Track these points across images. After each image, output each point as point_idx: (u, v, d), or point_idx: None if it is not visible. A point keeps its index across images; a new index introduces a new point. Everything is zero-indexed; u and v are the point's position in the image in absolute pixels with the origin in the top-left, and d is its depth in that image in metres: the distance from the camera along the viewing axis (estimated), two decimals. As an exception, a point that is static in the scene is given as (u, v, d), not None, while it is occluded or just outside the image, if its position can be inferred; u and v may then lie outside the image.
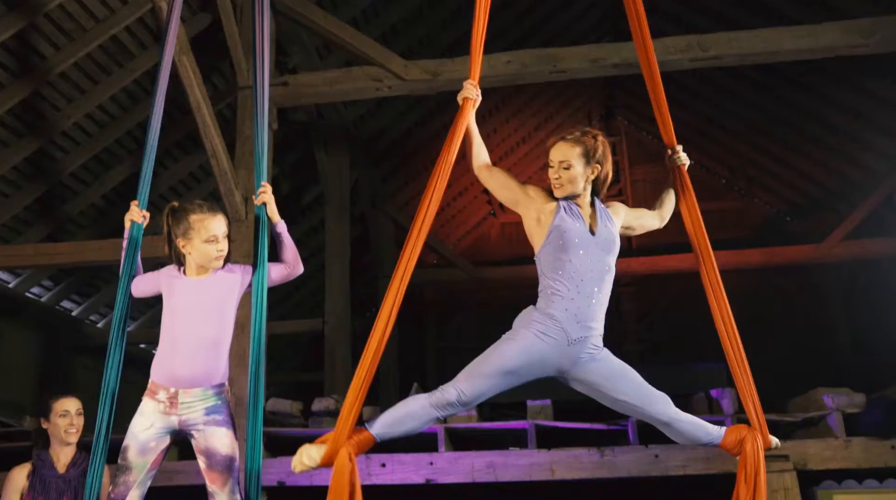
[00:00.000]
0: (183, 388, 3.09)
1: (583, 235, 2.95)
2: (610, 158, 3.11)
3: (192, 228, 3.20)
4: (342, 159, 9.77)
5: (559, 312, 2.88)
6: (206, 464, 3.09)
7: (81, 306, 9.85)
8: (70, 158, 7.90)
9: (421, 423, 2.87)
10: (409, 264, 3.05)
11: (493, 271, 12.10)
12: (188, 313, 3.16)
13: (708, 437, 3.05)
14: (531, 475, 5.82)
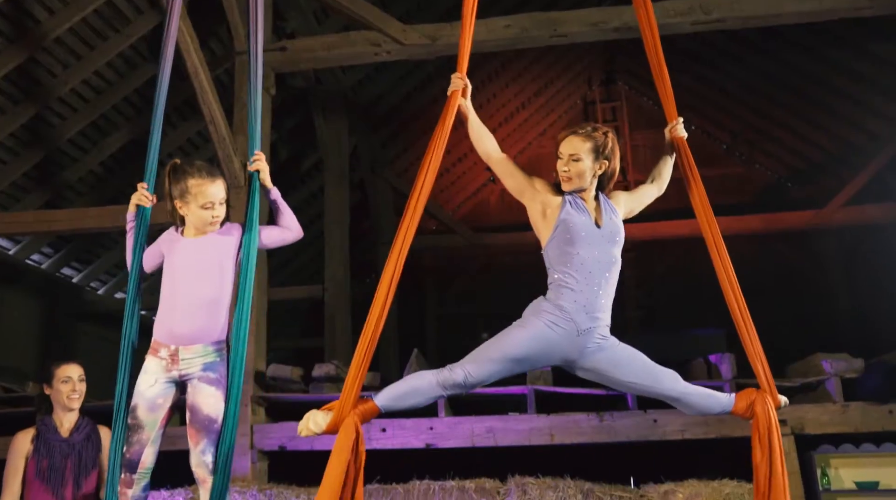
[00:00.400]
0: (183, 345, 3.14)
1: (589, 228, 3.01)
2: (618, 154, 3.15)
3: (189, 193, 3.22)
4: (341, 125, 9.72)
5: (568, 303, 2.93)
6: (189, 419, 3.14)
7: (82, 273, 9.86)
8: (67, 124, 7.86)
9: (425, 399, 2.95)
10: (407, 235, 3.09)
11: (492, 236, 12.09)
12: (187, 272, 3.20)
13: (720, 406, 3.10)
14: (530, 440, 5.87)
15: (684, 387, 3.06)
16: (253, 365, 6.19)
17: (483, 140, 3.25)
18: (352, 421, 2.86)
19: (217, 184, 3.24)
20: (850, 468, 5.96)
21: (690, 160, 3.34)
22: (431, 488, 5.34)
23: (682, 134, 3.40)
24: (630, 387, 3.07)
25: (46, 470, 3.74)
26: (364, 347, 2.92)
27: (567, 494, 5.20)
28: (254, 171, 3.38)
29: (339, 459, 2.81)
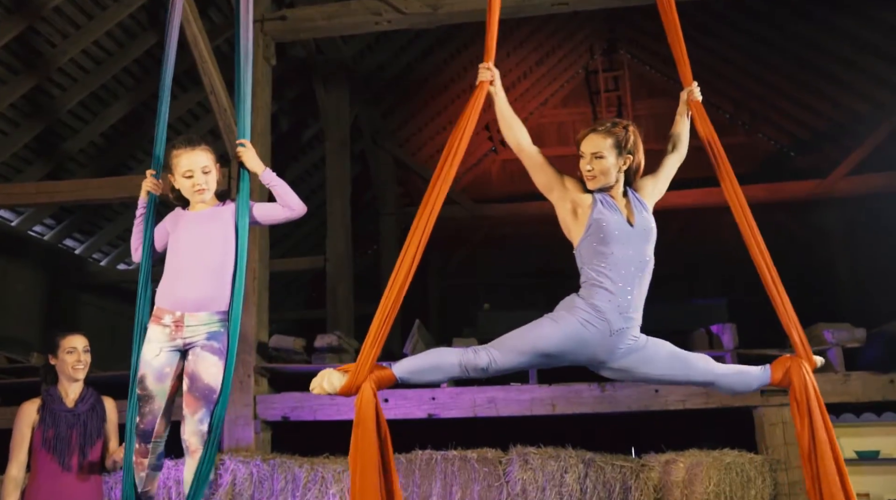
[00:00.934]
0: (189, 311, 3.15)
1: (622, 227, 2.97)
2: (641, 147, 3.08)
3: (172, 163, 3.31)
4: (342, 95, 9.66)
5: (603, 302, 2.88)
6: (188, 386, 3.14)
7: (84, 244, 9.86)
8: (68, 95, 7.82)
9: (444, 377, 2.91)
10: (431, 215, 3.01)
11: (493, 208, 12.07)
12: (191, 242, 3.23)
13: (757, 381, 3.06)
14: (532, 410, 5.90)
15: (717, 368, 3.02)
16: (255, 336, 6.21)
17: (513, 129, 3.16)
18: (369, 387, 2.81)
19: (196, 152, 3.29)
20: (850, 437, 5.99)
21: (709, 125, 3.29)
22: (434, 457, 5.39)
23: (698, 98, 3.34)
24: (662, 380, 3.04)
25: (53, 440, 3.77)
26: (386, 308, 2.86)
27: (568, 463, 5.23)
28: (239, 160, 3.38)
29: (366, 428, 2.75)
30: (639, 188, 3.14)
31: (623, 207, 3.03)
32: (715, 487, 5.16)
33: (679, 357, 2.99)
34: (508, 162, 13.95)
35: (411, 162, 11.89)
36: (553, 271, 13.43)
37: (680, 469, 5.25)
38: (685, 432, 6.42)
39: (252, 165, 3.38)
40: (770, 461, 5.50)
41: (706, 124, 3.29)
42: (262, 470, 5.33)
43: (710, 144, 3.27)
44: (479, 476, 5.29)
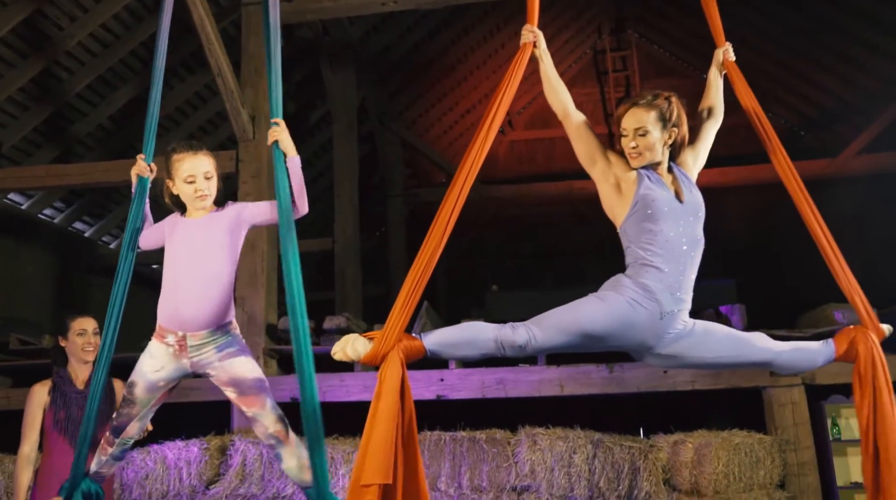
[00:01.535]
0: (190, 331, 3.05)
1: (671, 203, 2.76)
2: (685, 120, 2.88)
3: (173, 168, 3.16)
4: (349, 77, 9.63)
5: (653, 282, 2.68)
6: (238, 392, 3.08)
7: (93, 227, 9.90)
8: (75, 78, 7.83)
9: (478, 354, 2.68)
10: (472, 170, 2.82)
11: (501, 189, 12.05)
12: (187, 252, 3.11)
13: (822, 356, 2.87)
14: (540, 391, 5.91)
15: (776, 346, 2.82)
16: (264, 318, 6.23)
17: (559, 93, 2.99)
18: (396, 356, 2.57)
19: (199, 157, 3.16)
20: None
21: (746, 86, 3.12)
22: (443, 438, 5.40)
23: (733, 58, 3.18)
24: (716, 364, 2.83)
25: (64, 421, 3.80)
26: (420, 268, 2.66)
27: (577, 444, 5.24)
28: (272, 142, 3.28)
29: (388, 401, 2.49)
30: (681, 163, 2.94)
31: (670, 183, 2.83)
32: (724, 467, 5.17)
33: (736, 337, 2.79)
34: (516, 143, 13.91)
35: (419, 143, 11.86)
36: (560, 252, 13.45)
37: (689, 450, 5.26)
38: (694, 412, 6.42)
39: (286, 146, 3.29)
40: (779, 442, 5.50)
41: (744, 85, 3.13)
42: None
43: (750, 108, 3.11)
44: (487, 457, 5.31)
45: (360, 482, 2.36)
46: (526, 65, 2.99)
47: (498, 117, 2.88)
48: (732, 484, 5.20)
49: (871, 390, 2.79)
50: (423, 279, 2.66)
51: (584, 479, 5.19)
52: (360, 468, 2.39)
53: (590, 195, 12.91)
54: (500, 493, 5.29)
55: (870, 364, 2.81)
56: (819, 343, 2.88)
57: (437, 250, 2.70)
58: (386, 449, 2.41)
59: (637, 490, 5.19)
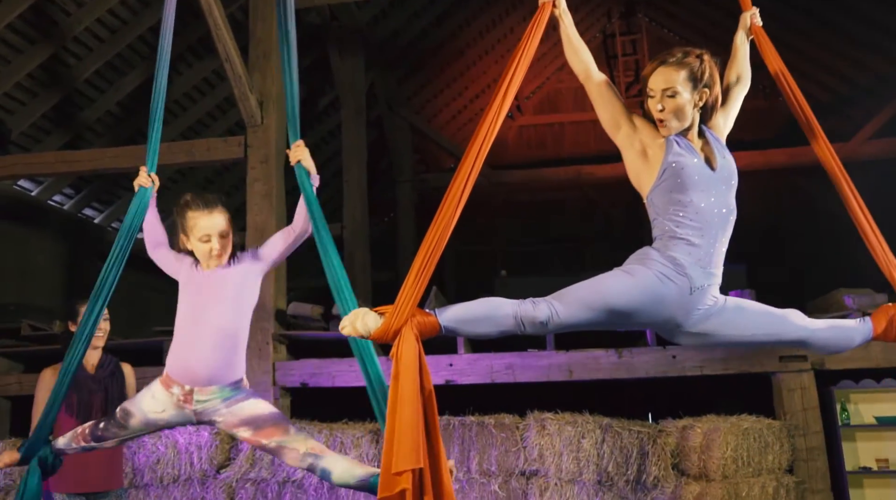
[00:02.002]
0: (198, 386, 3.02)
1: (702, 171, 2.57)
2: (718, 80, 2.69)
3: (187, 225, 3.11)
4: (357, 62, 9.60)
5: (683, 256, 2.52)
6: (254, 428, 3.03)
7: (103, 213, 9.92)
8: (83, 64, 7.83)
9: (496, 331, 2.50)
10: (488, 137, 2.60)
11: (510, 174, 12.01)
12: (201, 307, 3.07)
13: (860, 335, 2.69)
14: (549, 376, 5.91)
15: (811, 323, 2.66)
16: (273, 303, 6.24)
17: (580, 54, 2.77)
18: (410, 332, 2.38)
19: (214, 215, 3.09)
20: (869, 402, 5.97)
21: (773, 50, 2.96)
22: (451, 423, 5.42)
23: (759, 22, 3.03)
24: (750, 342, 2.66)
25: (76, 405, 3.83)
26: (434, 237, 2.48)
27: (585, 429, 5.25)
28: (295, 162, 3.20)
29: (407, 380, 2.32)
30: (712, 126, 2.74)
31: (700, 149, 2.64)
32: (732, 452, 5.17)
33: (771, 314, 2.64)
34: (525, 128, 13.86)
35: (427, 129, 11.83)
36: (569, 237, 13.43)
37: (697, 435, 5.26)
38: (703, 398, 6.42)
39: (309, 164, 3.22)
40: (788, 427, 5.49)
41: (772, 50, 2.96)
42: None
43: (778, 72, 2.94)
44: (496, 442, 5.32)
45: (392, 469, 2.20)
46: (545, 27, 2.77)
47: (514, 83, 2.67)
48: (741, 469, 5.21)
49: None
50: (437, 251, 2.48)
51: (593, 463, 5.20)
52: (390, 455, 2.23)
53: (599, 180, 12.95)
54: (509, 477, 5.31)
55: None
56: (855, 321, 2.71)
57: (453, 216, 2.54)
58: (413, 432, 2.24)
59: (645, 475, 5.20)
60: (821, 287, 6.60)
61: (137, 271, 3.20)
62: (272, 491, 5.34)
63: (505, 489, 5.26)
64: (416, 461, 2.22)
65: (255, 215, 6.16)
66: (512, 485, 5.27)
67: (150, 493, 5.41)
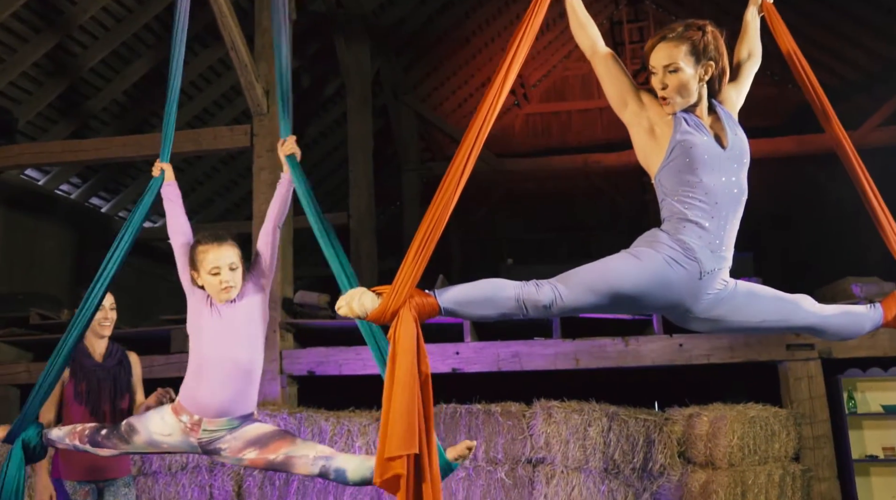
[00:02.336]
0: (208, 417, 3.04)
1: (713, 150, 2.47)
2: (724, 51, 2.57)
3: (198, 260, 3.10)
4: (363, 50, 9.57)
5: (693, 239, 2.43)
6: (259, 446, 3.04)
7: (110, 202, 9.94)
8: (89, 53, 7.83)
9: (497, 314, 2.42)
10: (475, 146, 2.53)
11: (516, 162, 11.98)
12: (215, 339, 3.08)
13: (870, 321, 2.62)
14: (556, 364, 5.92)
15: (822, 309, 2.59)
16: (280, 292, 6.26)
17: (587, 28, 2.68)
18: (408, 313, 2.31)
19: (224, 249, 3.08)
20: (877, 391, 5.96)
21: (784, 27, 2.85)
22: (458, 411, 5.43)
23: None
24: (760, 328, 2.58)
25: (85, 393, 3.85)
26: (434, 216, 2.38)
27: (592, 417, 5.26)
28: (288, 155, 3.19)
29: (404, 362, 2.27)
30: (724, 100, 2.63)
31: (710, 126, 2.53)
32: (739, 440, 5.17)
33: (782, 300, 2.56)
34: (531, 116, 13.82)
35: (433, 117, 11.80)
36: (576, 225, 13.41)
37: (704, 423, 5.26)
38: (709, 386, 6.42)
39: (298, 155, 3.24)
40: (795, 415, 5.49)
41: (783, 27, 2.85)
42: (288, 423, 5.40)
43: (790, 50, 2.84)
44: (503, 430, 5.33)
45: (386, 454, 2.15)
46: (548, 5, 2.60)
47: (516, 63, 2.53)
48: (747, 457, 5.21)
49: None
50: (436, 232, 2.39)
51: (599, 451, 5.21)
52: (384, 440, 2.17)
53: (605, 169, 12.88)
54: (516, 465, 5.32)
55: None
56: (866, 308, 2.64)
57: (452, 197, 2.43)
58: (409, 416, 2.19)
59: (652, 463, 5.20)
60: (828, 275, 6.59)
61: (145, 259, 3.21)
62: (280, 479, 5.36)
63: (511, 476, 5.27)
64: (411, 446, 2.16)
65: (262, 204, 6.16)
66: (518, 473, 5.29)
67: (159, 480, 5.44)
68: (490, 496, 5.26)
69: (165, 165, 3.34)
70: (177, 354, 5.95)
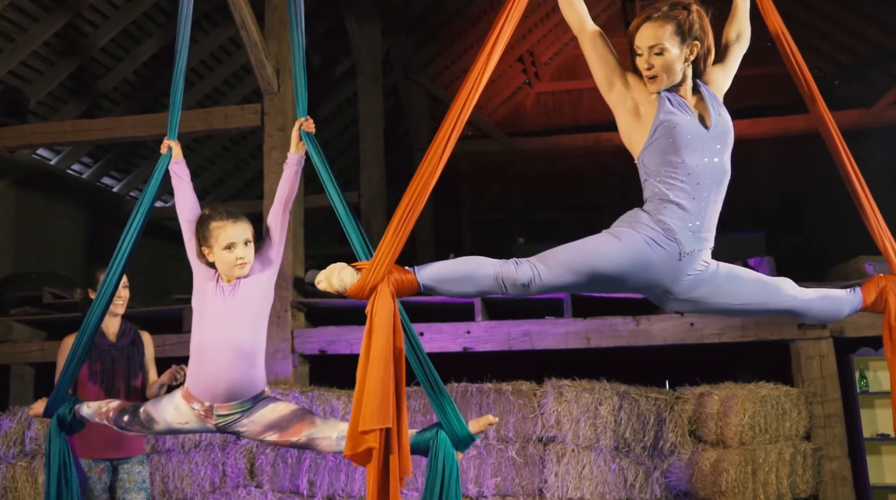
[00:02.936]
0: (218, 402, 3.03)
1: (696, 130, 2.47)
2: (710, 30, 2.56)
3: (211, 236, 3.06)
4: (373, 28, 9.53)
5: (673, 220, 2.44)
6: (280, 430, 3.03)
7: (121, 182, 9.97)
8: (99, 32, 7.82)
9: (476, 291, 2.46)
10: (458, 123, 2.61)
11: (528, 141, 11.95)
12: (219, 323, 3.05)
13: (849, 305, 2.63)
14: (567, 343, 5.93)
15: (803, 293, 2.59)
16: (292, 271, 6.28)
17: (574, 4, 2.67)
18: (386, 289, 2.34)
19: (239, 224, 3.06)
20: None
21: (773, 8, 2.80)
22: (469, 390, 5.45)
23: None
24: (740, 311, 2.60)
25: (99, 373, 3.88)
26: (413, 194, 2.44)
27: (603, 396, 5.27)
28: (308, 131, 3.16)
29: (380, 336, 2.30)
30: (709, 81, 2.62)
31: (694, 106, 2.53)
32: (749, 419, 5.18)
33: (763, 283, 2.56)
34: (543, 95, 13.75)
35: (444, 96, 11.76)
36: (587, 204, 13.38)
37: (714, 402, 5.27)
38: (720, 365, 6.41)
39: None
40: (806, 394, 5.49)
41: (772, 8, 2.80)
42: (300, 402, 5.44)
43: (778, 31, 2.80)
44: (514, 408, 5.35)
45: (360, 428, 2.19)
46: None
47: (504, 35, 2.60)
48: (758, 436, 5.21)
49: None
50: (417, 208, 2.45)
51: (610, 430, 5.22)
52: (358, 413, 2.21)
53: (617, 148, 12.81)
54: (526, 444, 5.35)
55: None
56: (845, 292, 2.66)
57: (433, 174, 2.49)
58: (384, 391, 2.22)
59: (662, 441, 5.22)
60: (841, 254, 6.56)
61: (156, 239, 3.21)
62: (292, 456, 5.41)
63: (522, 455, 5.30)
64: (384, 420, 2.20)
65: (273, 183, 6.17)
66: (529, 451, 5.31)
67: (172, 458, 5.49)
68: (501, 475, 5.29)
69: (173, 142, 3.33)
70: (189, 333, 5.98)
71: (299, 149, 3.21)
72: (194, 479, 5.45)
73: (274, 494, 5.38)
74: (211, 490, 5.45)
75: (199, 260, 3.11)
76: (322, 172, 3.05)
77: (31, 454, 5.35)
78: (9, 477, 5.35)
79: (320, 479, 5.37)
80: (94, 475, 3.83)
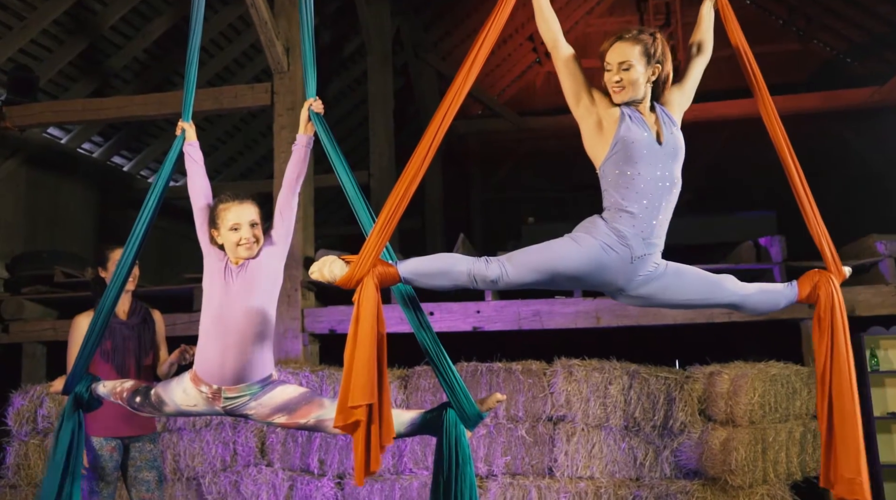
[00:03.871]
0: (226, 385, 3.06)
1: (650, 145, 2.75)
2: (670, 57, 2.85)
3: (218, 217, 3.11)
4: (383, 7, 9.48)
5: (626, 228, 2.71)
6: (288, 412, 3.08)
7: (131, 161, 9.99)
8: (110, 10, 7.80)
9: (451, 285, 2.74)
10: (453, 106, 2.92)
11: (538, 120, 11.89)
12: (228, 306, 3.08)
13: (785, 298, 2.92)
14: (576, 323, 5.93)
15: (742, 288, 2.86)
16: (302, 251, 6.28)
17: (549, 23, 2.96)
18: (371, 282, 2.63)
19: (245, 206, 3.11)
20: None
21: (736, 23, 2.99)
22: (479, 369, 5.46)
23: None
24: (685, 305, 2.87)
25: (111, 352, 3.91)
26: (395, 201, 2.67)
27: (613, 375, 5.27)
28: (318, 112, 3.21)
29: (365, 324, 2.57)
30: (666, 102, 2.91)
31: (652, 124, 2.80)
32: (759, 398, 5.17)
33: (706, 280, 2.83)
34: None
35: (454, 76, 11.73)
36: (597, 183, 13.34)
37: (724, 381, 5.26)
38: (730, 344, 6.41)
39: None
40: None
41: (735, 23, 2.99)
42: (310, 381, 5.46)
43: (740, 47, 2.99)
44: (523, 388, 5.36)
45: (349, 403, 2.47)
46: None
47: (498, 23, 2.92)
48: (768, 415, 5.21)
49: (830, 333, 2.85)
50: (402, 206, 2.69)
51: (620, 409, 5.23)
52: (346, 390, 2.50)
53: (628, 126, 12.45)
54: (536, 423, 5.36)
55: (829, 308, 2.86)
56: (783, 285, 2.94)
57: (417, 176, 2.71)
58: (369, 371, 2.51)
59: (672, 420, 5.23)
60: (852, 233, 6.52)
61: (168, 218, 3.22)
62: (302, 435, 5.44)
63: (532, 434, 5.32)
64: (370, 396, 2.48)
65: (283, 163, 6.17)
66: (539, 430, 5.33)
67: (183, 437, 5.53)
68: (511, 454, 5.31)
69: (187, 124, 3.34)
70: (199, 312, 6.01)
71: (308, 130, 3.24)
72: (205, 457, 5.50)
73: (284, 472, 5.43)
74: (222, 469, 5.50)
75: (211, 243, 3.14)
76: (331, 152, 3.07)
77: (44, 432, 5.40)
78: (21, 454, 5.42)
79: (331, 458, 5.41)
80: (106, 452, 3.86)
